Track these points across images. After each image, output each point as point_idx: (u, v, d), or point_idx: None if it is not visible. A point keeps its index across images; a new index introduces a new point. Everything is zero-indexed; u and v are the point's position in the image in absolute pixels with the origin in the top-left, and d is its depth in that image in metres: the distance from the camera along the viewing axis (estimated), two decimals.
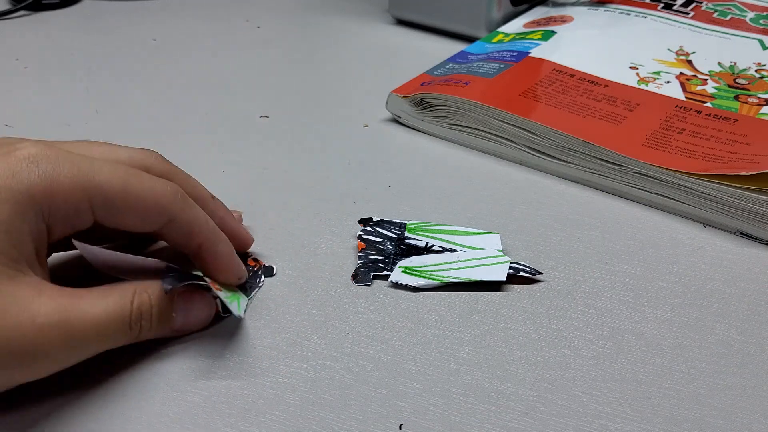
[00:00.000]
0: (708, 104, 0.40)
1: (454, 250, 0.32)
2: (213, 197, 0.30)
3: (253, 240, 0.31)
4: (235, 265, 0.28)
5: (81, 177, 0.24)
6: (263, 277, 0.31)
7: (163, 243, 0.31)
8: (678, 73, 0.43)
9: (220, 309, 0.28)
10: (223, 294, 0.27)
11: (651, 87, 0.42)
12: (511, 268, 0.30)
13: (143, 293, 0.25)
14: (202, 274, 0.27)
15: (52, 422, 0.24)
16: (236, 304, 0.27)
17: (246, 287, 0.30)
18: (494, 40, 0.50)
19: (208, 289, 0.27)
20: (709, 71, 0.44)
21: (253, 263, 0.31)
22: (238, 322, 0.28)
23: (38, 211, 0.23)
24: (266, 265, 0.31)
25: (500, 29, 0.52)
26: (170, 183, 0.26)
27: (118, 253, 0.26)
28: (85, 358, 0.24)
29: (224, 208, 0.30)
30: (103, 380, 0.25)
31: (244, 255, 0.31)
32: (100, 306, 0.24)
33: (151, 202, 0.25)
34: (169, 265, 0.26)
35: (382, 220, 0.34)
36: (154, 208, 0.25)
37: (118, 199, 0.25)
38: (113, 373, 0.26)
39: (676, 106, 0.40)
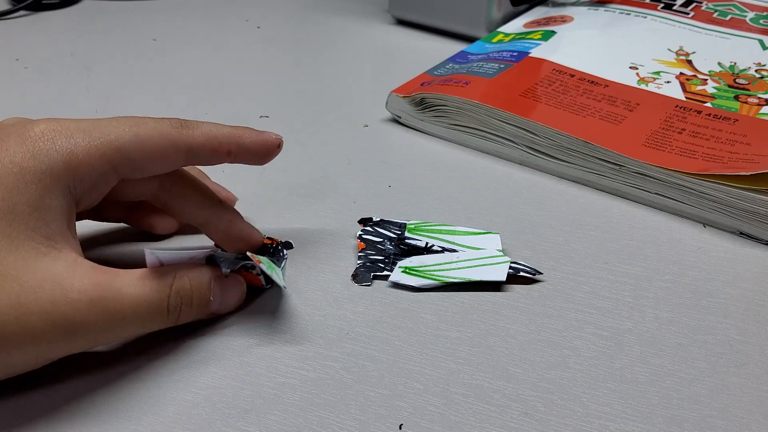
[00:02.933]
0: (708, 104, 0.40)
1: (454, 250, 0.32)
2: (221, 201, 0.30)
3: (262, 237, 0.32)
4: (265, 135, 0.29)
5: (95, 142, 0.25)
6: (284, 250, 0.31)
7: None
8: (678, 73, 0.43)
9: (263, 282, 0.29)
10: (265, 267, 0.27)
11: (651, 87, 0.42)
12: (511, 268, 0.30)
13: (183, 278, 0.26)
14: (245, 255, 0.28)
15: (51, 422, 0.24)
16: (275, 274, 0.28)
17: (274, 261, 0.30)
18: (494, 40, 0.50)
19: (253, 267, 0.28)
20: (709, 71, 0.44)
21: (269, 241, 0.32)
22: (236, 317, 0.28)
23: (64, 187, 0.24)
24: (283, 240, 0.32)
25: (500, 29, 0.52)
26: (171, 118, 0.27)
27: (176, 251, 0.26)
28: (124, 338, 0.25)
29: (233, 210, 0.30)
30: (102, 382, 0.25)
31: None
32: (137, 288, 0.24)
33: (164, 143, 0.26)
34: (214, 251, 0.27)
35: (382, 220, 0.34)
36: (169, 148, 0.26)
37: (134, 151, 0.25)
38: (112, 375, 0.26)
39: (676, 106, 0.40)
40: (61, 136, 0.24)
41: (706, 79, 0.43)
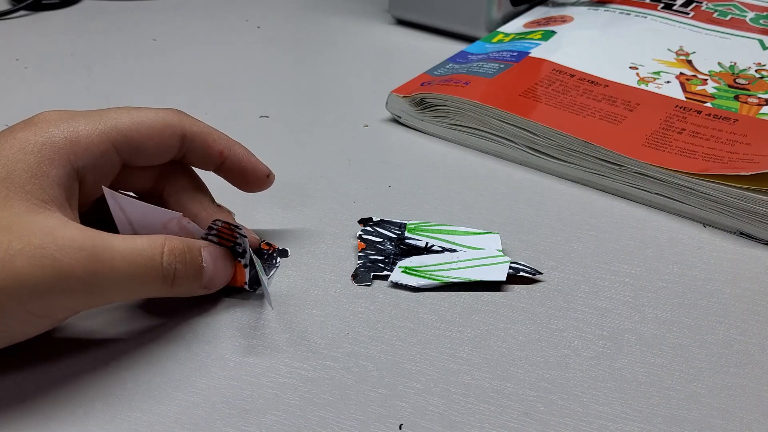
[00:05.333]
0: (708, 104, 0.40)
1: (454, 250, 0.32)
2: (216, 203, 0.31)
3: (259, 240, 0.32)
4: (260, 162, 0.31)
5: (95, 123, 0.26)
6: (278, 258, 0.31)
7: None
8: (678, 73, 0.43)
9: (246, 279, 0.29)
10: (257, 263, 0.28)
11: (651, 87, 0.42)
12: (511, 268, 0.30)
13: (174, 239, 0.26)
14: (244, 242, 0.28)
15: (49, 422, 0.24)
16: (262, 277, 0.28)
17: (264, 268, 0.30)
18: (494, 40, 0.50)
19: (243, 254, 0.28)
20: (709, 71, 0.44)
21: (266, 247, 0.32)
22: (237, 317, 0.28)
23: (64, 159, 0.25)
24: (280, 248, 0.32)
25: (500, 29, 0.52)
26: (174, 109, 0.29)
27: (145, 204, 0.26)
28: (120, 297, 0.25)
29: (229, 214, 0.31)
30: (101, 381, 0.25)
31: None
32: (128, 241, 0.25)
33: (160, 125, 0.27)
34: (190, 221, 0.27)
35: (382, 220, 0.34)
36: (165, 129, 0.28)
37: (133, 131, 0.27)
38: (112, 374, 0.26)
39: (676, 106, 0.40)
40: (62, 120, 0.26)
41: (706, 79, 0.43)
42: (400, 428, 0.24)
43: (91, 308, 0.25)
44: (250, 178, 0.31)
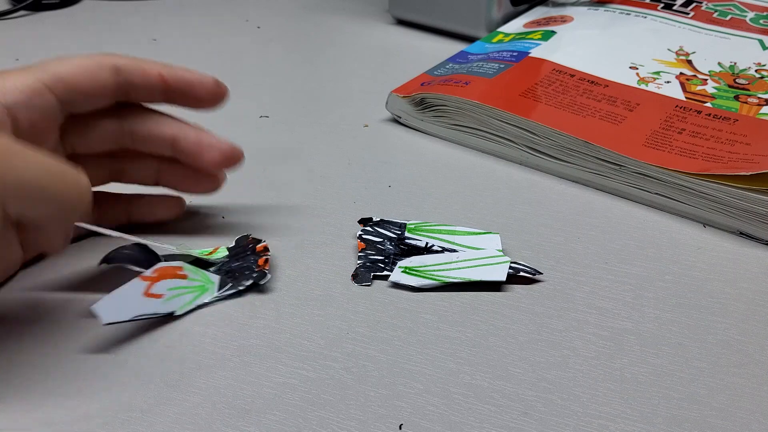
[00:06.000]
0: (708, 104, 0.40)
1: (454, 250, 0.32)
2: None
3: (237, 149, 0.31)
4: (204, 74, 0.30)
5: (26, 69, 0.27)
6: (250, 282, 0.29)
7: None
8: (678, 73, 0.43)
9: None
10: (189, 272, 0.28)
11: (651, 87, 0.42)
12: (511, 268, 0.30)
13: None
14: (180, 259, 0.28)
15: (53, 423, 0.24)
16: (192, 296, 0.28)
17: (234, 277, 0.30)
18: (494, 40, 0.50)
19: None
20: (709, 71, 0.44)
21: (262, 262, 0.30)
22: (236, 318, 0.28)
23: None
24: (264, 270, 0.30)
25: (500, 29, 0.52)
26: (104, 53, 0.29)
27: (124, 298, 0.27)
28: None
29: (201, 126, 0.31)
30: (102, 380, 0.25)
31: (254, 248, 0.31)
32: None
33: (90, 61, 0.28)
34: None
35: (382, 220, 0.34)
36: (95, 65, 0.28)
37: (64, 71, 0.27)
38: (112, 374, 0.26)
39: (676, 106, 0.40)
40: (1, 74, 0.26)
41: (706, 79, 0.43)
42: (400, 428, 0.24)
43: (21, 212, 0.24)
44: (199, 91, 0.30)
